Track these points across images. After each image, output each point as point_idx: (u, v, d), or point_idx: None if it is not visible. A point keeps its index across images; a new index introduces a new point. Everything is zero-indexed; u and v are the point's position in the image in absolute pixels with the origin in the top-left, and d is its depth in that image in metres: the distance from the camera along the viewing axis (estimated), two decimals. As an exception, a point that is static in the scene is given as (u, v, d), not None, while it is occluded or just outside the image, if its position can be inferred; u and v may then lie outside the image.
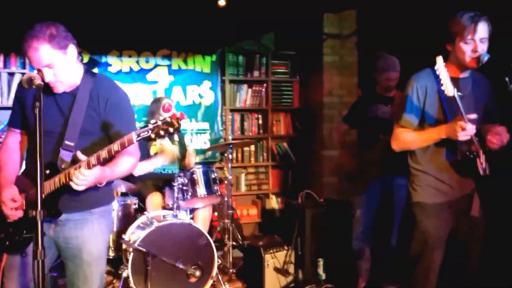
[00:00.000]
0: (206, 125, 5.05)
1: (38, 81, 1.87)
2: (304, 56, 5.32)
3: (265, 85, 5.26)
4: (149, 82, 4.83)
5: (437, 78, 2.29)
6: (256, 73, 5.24)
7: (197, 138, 5.01)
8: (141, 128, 1.93)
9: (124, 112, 2.19)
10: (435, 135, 2.26)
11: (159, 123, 1.90)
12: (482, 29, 2.21)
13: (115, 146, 1.96)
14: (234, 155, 5.19)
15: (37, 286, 1.73)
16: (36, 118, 1.78)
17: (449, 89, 2.06)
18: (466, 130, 2.09)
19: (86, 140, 2.11)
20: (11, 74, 4.41)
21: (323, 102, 5.01)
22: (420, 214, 2.42)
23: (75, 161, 2.03)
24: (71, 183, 1.96)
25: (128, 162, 2.19)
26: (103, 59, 4.67)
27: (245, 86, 5.22)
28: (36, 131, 1.77)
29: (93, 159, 1.96)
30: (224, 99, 5.11)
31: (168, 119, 1.90)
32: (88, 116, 2.11)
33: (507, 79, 2.11)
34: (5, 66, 4.38)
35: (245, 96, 5.23)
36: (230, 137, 4.08)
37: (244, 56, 5.20)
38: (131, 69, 4.77)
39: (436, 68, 2.07)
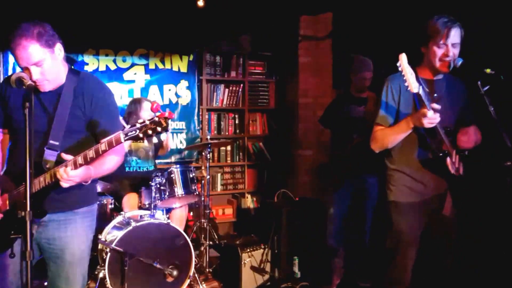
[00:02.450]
0: (182, 124, 5.06)
1: (28, 81, 1.88)
2: (280, 57, 5.40)
3: (241, 85, 5.31)
4: (125, 82, 4.81)
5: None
6: (233, 73, 5.27)
7: (174, 137, 5.01)
8: (130, 127, 1.93)
9: (109, 110, 2.20)
10: (404, 126, 2.31)
11: (147, 122, 1.89)
12: (455, 35, 2.28)
13: (103, 146, 1.96)
14: (210, 154, 5.22)
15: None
16: (26, 118, 1.78)
17: (413, 86, 2.10)
18: (428, 117, 2.15)
19: (71, 138, 2.11)
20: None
21: (298, 103, 5.09)
22: (395, 213, 2.49)
23: (59, 161, 2.03)
24: (61, 179, 1.95)
25: (113, 161, 2.19)
26: (80, 58, 4.63)
27: (222, 86, 5.26)
28: (25, 131, 1.78)
29: (79, 159, 1.96)
30: (201, 99, 5.13)
31: (157, 119, 1.89)
32: (73, 115, 2.11)
33: (479, 83, 2.18)
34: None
35: (222, 96, 5.26)
36: (208, 137, 4.10)
37: (221, 56, 5.22)
38: (107, 68, 4.73)
39: (398, 65, 2.11)
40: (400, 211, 2.46)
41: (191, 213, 4.74)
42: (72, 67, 2.24)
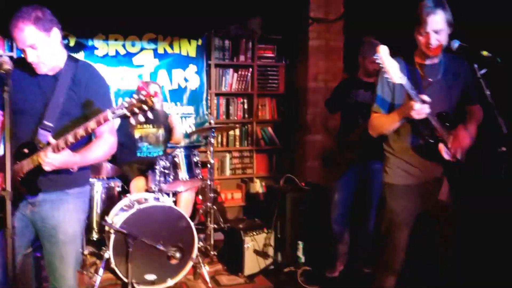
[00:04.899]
0: (191, 109, 5.09)
1: (6, 66, 1.94)
2: (290, 41, 5.33)
3: (250, 69, 5.28)
4: (135, 66, 4.84)
5: (407, 65, 2.35)
6: (242, 58, 5.24)
7: (183, 122, 5.04)
8: (117, 106, 1.99)
9: (103, 94, 2.26)
10: (396, 116, 2.31)
11: (134, 101, 1.96)
12: (435, 21, 2.22)
13: (91, 124, 2.02)
14: (219, 139, 5.24)
15: (10, 264, 1.80)
16: (6, 102, 1.86)
17: (395, 77, 2.10)
18: (415, 110, 2.14)
19: (65, 120, 2.17)
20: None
21: (308, 87, 5.03)
22: (389, 194, 2.51)
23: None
24: (41, 162, 2.03)
25: (103, 148, 2.23)
26: (90, 43, 4.67)
27: (231, 71, 5.23)
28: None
29: (70, 137, 2.02)
30: (210, 83, 5.13)
31: (142, 97, 1.96)
32: (69, 98, 2.18)
33: (476, 66, 2.13)
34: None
35: (230, 81, 5.24)
36: (212, 121, 4.11)
37: (230, 41, 5.20)
38: (117, 52, 4.77)
39: (378, 57, 2.10)
40: (394, 193, 2.48)
41: (200, 197, 4.78)
42: (82, 52, 2.30)
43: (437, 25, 2.23)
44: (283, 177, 4.09)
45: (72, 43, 4.58)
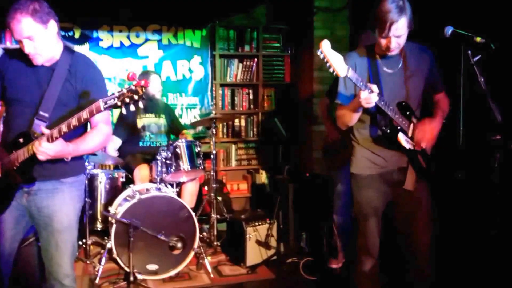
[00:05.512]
0: (196, 100, 5.09)
1: None
2: (296, 30, 5.29)
3: (256, 59, 5.25)
4: (139, 57, 4.85)
5: (368, 57, 2.38)
6: (247, 48, 5.22)
7: (187, 112, 5.05)
8: (109, 96, 2.01)
9: (98, 85, 2.28)
10: (352, 106, 2.33)
11: (125, 91, 1.98)
12: (397, 28, 2.20)
13: (84, 114, 2.04)
14: (225, 130, 5.24)
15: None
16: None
17: (339, 71, 2.09)
18: (363, 98, 2.16)
19: (61, 111, 2.19)
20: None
21: (314, 77, 4.99)
22: (355, 185, 2.53)
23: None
24: (35, 152, 2.04)
25: (97, 138, 2.25)
26: (94, 34, 4.70)
27: (236, 61, 5.22)
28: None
29: (64, 127, 2.04)
30: (215, 74, 5.12)
31: (133, 87, 1.98)
32: (65, 89, 2.20)
33: (469, 52, 2.11)
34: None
35: (235, 71, 5.23)
36: (213, 112, 4.11)
37: (235, 31, 5.17)
38: (121, 44, 4.79)
39: (319, 52, 2.07)
40: (359, 184, 2.50)
41: (206, 188, 4.80)
42: (87, 43, 2.32)
43: (399, 31, 2.23)
44: (285, 168, 4.07)
45: (77, 35, 4.61)
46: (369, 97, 2.16)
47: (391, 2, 2.20)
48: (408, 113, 2.38)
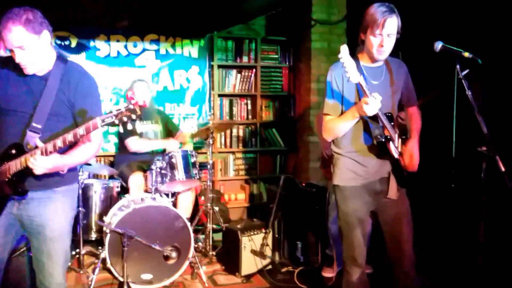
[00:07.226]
0: (194, 110, 5.11)
1: None
2: (293, 42, 5.32)
3: (254, 70, 5.28)
4: (137, 67, 4.88)
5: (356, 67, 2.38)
6: (245, 59, 5.25)
7: (185, 122, 5.07)
8: (106, 114, 2.03)
9: (92, 98, 2.27)
10: (350, 116, 2.34)
11: (123, 109, 2.01)
12: (390, 25, 2.25)
13: (81, 130, 2.03)
14: (222, 140, 5.26)
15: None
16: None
17: (353, 77, 2.14)
18: (370, 105, 2.18)
19: (54, 122, 2.18)
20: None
21: (311, 88, 5.02)
22: (339, 196, 2.54)
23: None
24: (31, 166, 2.03)
25: (91, 149, 2.25)
26: (91, 44, 4.72)
27: (234, 71, 5.24)
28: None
29: (59, 142, 2.03)
30: (213, 84, 5.15)
31: (131, 106, 2.01)
32: (58, 100, 2.18)
33: (458, 67, 2.14)
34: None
35: (234, 81, 5.25)
36: (210, 122, 4.12)
37: (233, 41, 5.21)
38: (119, 53, 4.81)
39: (340, 56, 2.13)
40: (344, 195, 2.51)
41: (202, 198, 4.79)
42: (84, 52, 2.32)
43: (392, 29, 2.27)
44: (282, 178, 4.07)
45: (73, 44, 4.62)
46: (376, 104, 2.19)
47: (382, 4, 2.29)
48: (392, 123, 2.43)
